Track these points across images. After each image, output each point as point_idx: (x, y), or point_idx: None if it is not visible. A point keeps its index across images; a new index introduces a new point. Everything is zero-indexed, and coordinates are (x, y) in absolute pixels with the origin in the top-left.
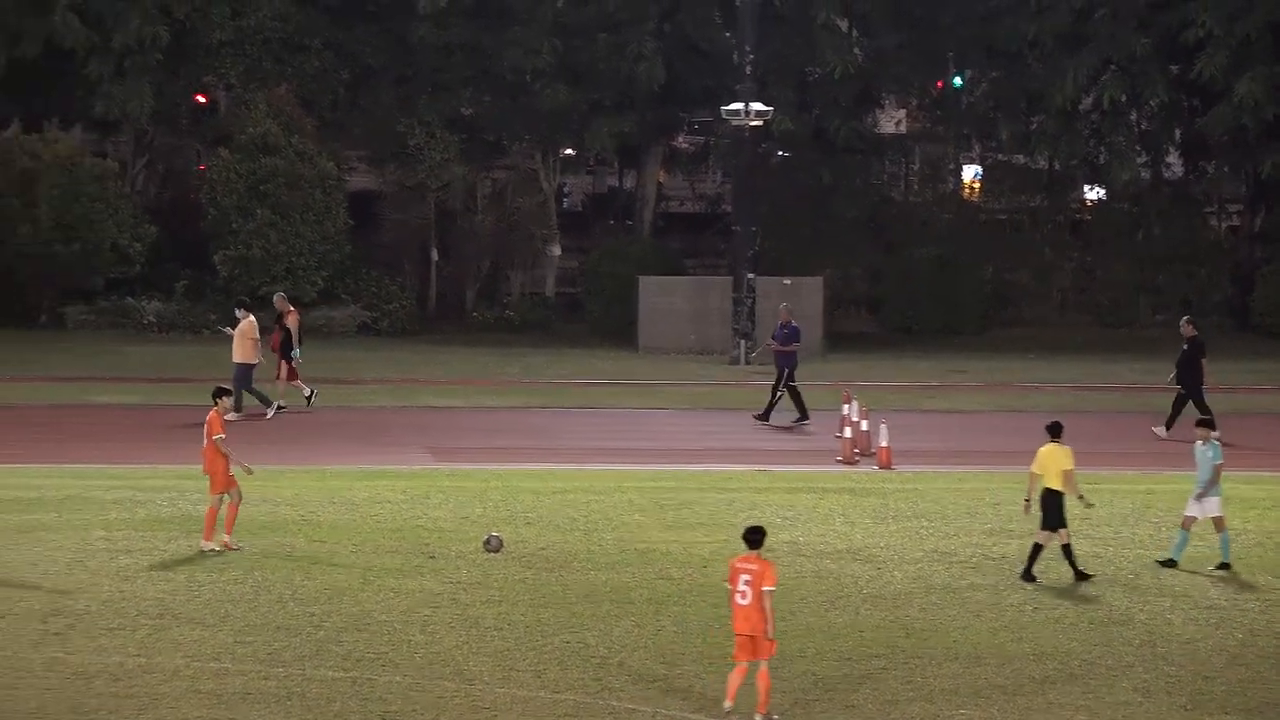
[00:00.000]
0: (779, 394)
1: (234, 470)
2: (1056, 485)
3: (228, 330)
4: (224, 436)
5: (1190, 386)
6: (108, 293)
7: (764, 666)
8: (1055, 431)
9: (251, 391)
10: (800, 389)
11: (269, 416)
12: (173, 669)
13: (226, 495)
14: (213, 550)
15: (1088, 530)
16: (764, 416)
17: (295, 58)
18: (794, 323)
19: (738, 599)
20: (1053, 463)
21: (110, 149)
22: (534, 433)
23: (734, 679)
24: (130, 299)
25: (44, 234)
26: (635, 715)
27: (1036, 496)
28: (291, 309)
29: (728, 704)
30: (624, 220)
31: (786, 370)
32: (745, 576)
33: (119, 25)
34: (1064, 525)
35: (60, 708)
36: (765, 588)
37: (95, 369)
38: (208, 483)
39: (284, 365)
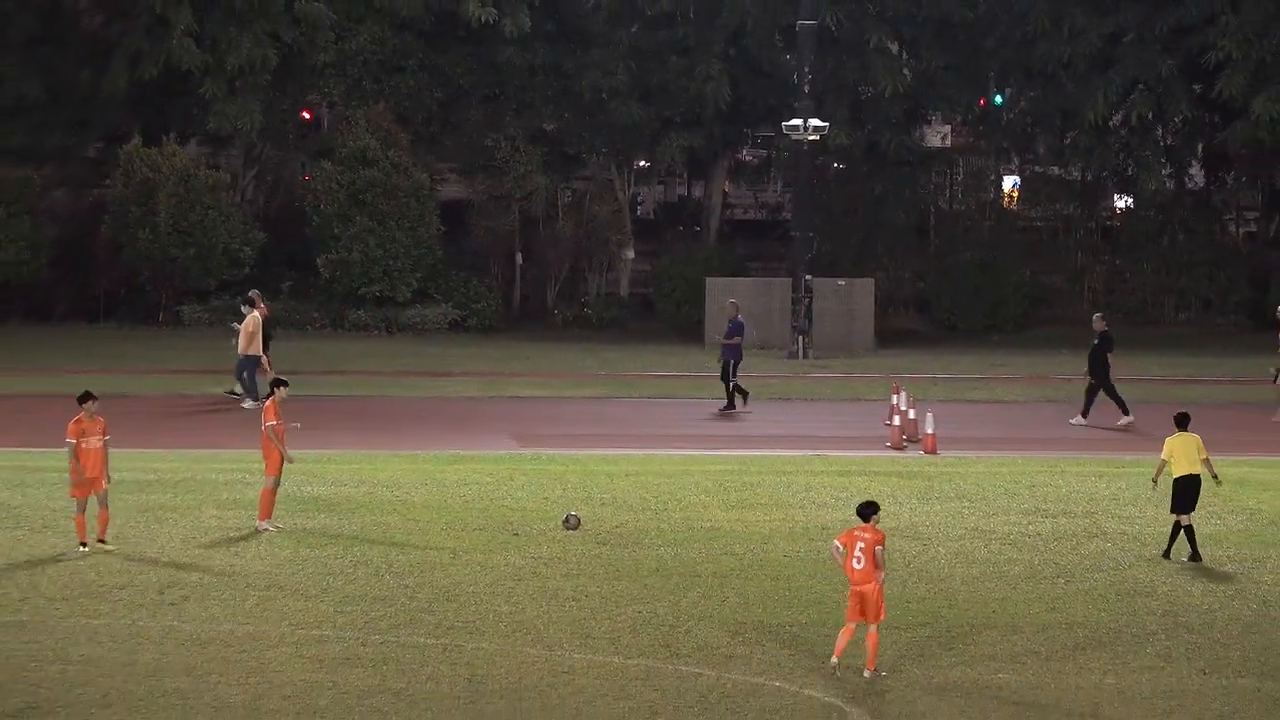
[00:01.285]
0: (732, 383)
1: (286, 454)
2: (1191, 470)
3: (235, 325)
4: (274, 424)
5: (1100, 377)
6: (220, 293)
7: (873, 629)
8: (1183, 422)
9: (242, 380)
10: (741, 383)
11: (246, 407)
12: (278, 636)
13: (277, 477)
14: (269, 529)
15: (1116, 510)
16: (729, 407)
17: (392, 78)
18: (740, 318)
19: (853, 564)
20: (1184, 451)
21: (223, 161)
22: (609, 421)
23: (842, 637)
24: (240, 299)
25: (162, 239)
26: (701, 679)
27: (1162, 479)
28: (261, 305)
29: (834, 660)
30: (692, 227)
31: (732, 362)
32: (860, 544)
33: (232, 49)
34: (1192, 509)
35: (175, 670)
36: (877, 547)
37: (209, 363)
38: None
39: (265, 359)
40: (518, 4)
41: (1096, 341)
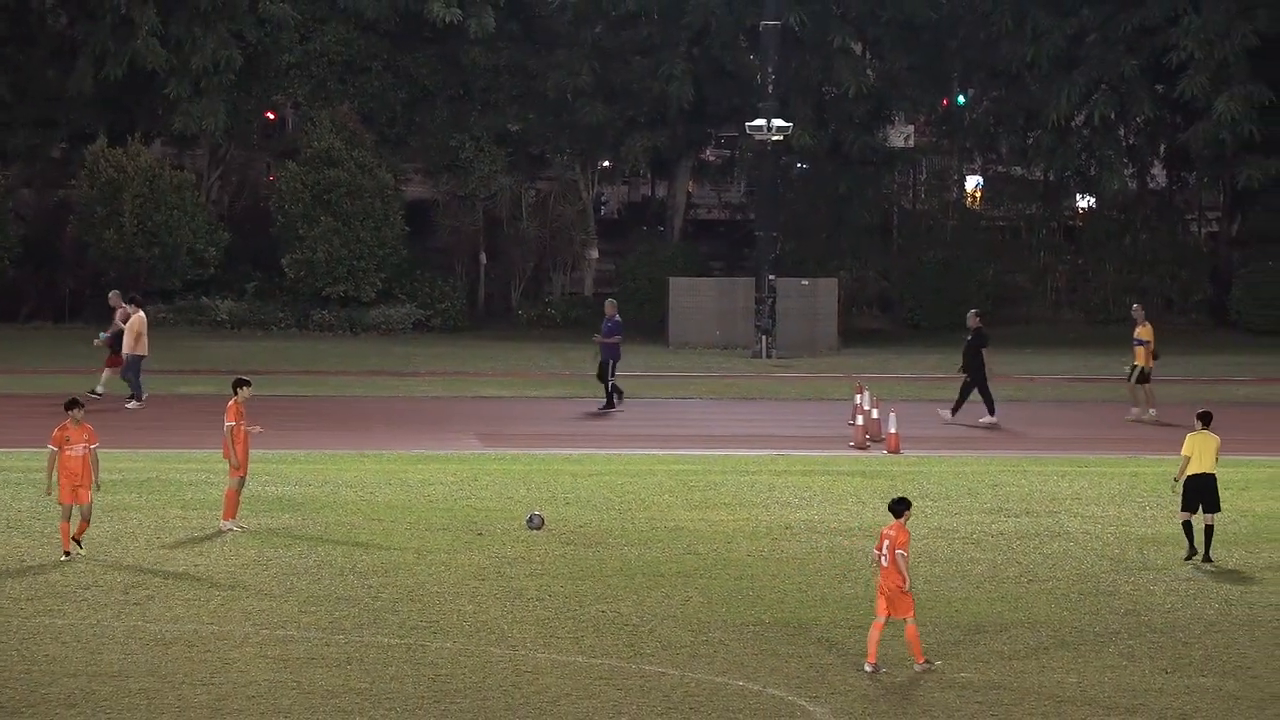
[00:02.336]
0: (610, 381)
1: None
2: (1203, 469)
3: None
4: (233, 425)
5: (974, 374)
6: (185, 293)
7: (910, 623)
8: (1206, 420)
9: (128, 380)
10: (619, 383)
11: (129, 407)
12: (242, 636)
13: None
14: (231, 529)
15: (1078, 509)
16: (608, 405)
17: (357, 78)
18: (617, 317)
19: (881, 561)
20: (1201, 450)
21: (188, 161)
22: (573, 420)
23: (873, 635)
24: (205, 299)
25: (128, 239)
26: (665, 678)
27: (1184, 478)
28: (123, 306)
29: (868, 665)
30: (656, 226)
31: (611, 361)
32: (886, 541)
33: (196, 49)
34: (1218, 509)
35: (140, 671)
36: (898, 551)
37: (173, 363)
38: (227, 466)
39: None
40: (482, 4)
41: (970, 338)
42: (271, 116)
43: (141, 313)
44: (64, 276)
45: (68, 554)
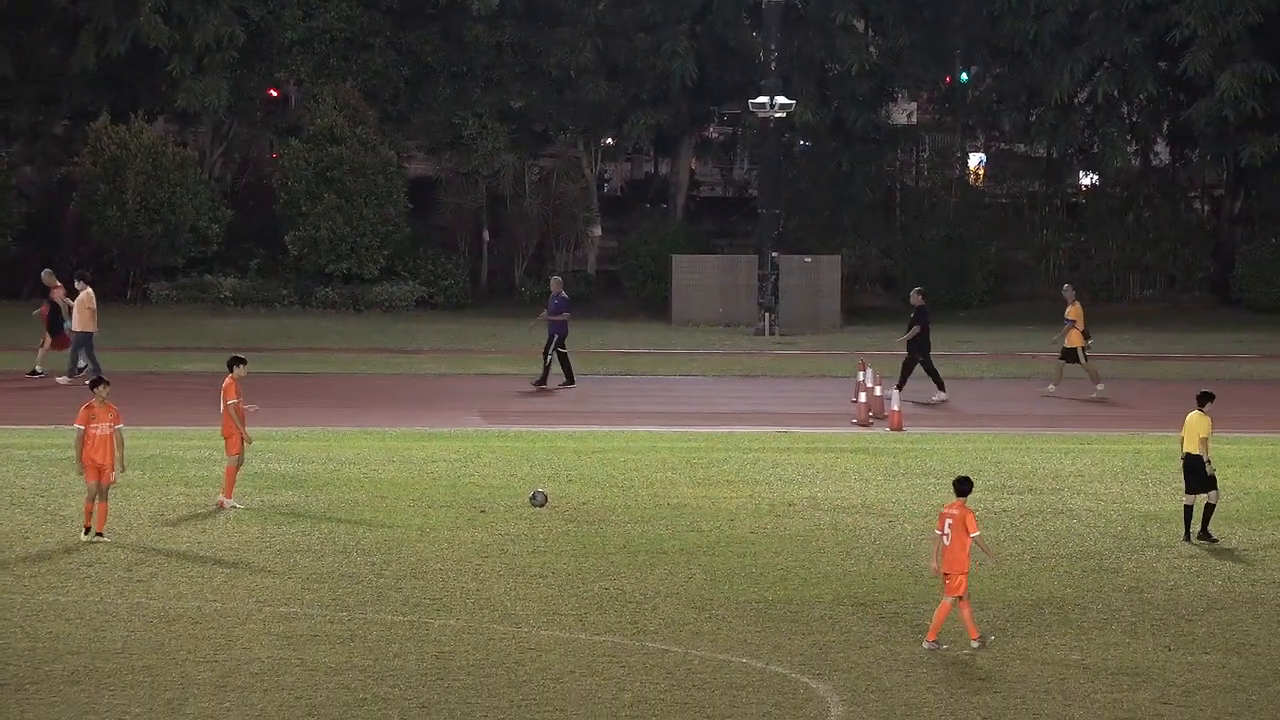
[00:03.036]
0: (549, 358)
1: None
2: (1195, 450)
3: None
4: (234, 402)
5: (919, 352)
6: (188, 270)
7: (963, 601)
8: (1203, 400)
9: (86, 356)
10: (569, 355)
11: (62, 381)
12: (246, 613)
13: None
14: (234, 507)
15: (1081, 486)
16: (541, 382)
17: (360, 55)
18: (564, 294)
19: (942, 540)
20: (1193, 429)
21: (191, 139)
22: (576, 397)
23: (939, 614)
24: (208, 276)
25: (130, 217)
26: (668, 655)
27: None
28: (58, 285)
29: (927, 643)
30: (659, 204)
31: (557, 337)
32: (949, 520)
33: (199, 26)
34: (1213, 487)
35: (144, 648)
36: (972, 533)
37: (177, 340)
38: (224, 444)
39: (48, 337)
40: None
41: (913, 315)
42: (274, 94)
43: (90, 289)
44: (66, 254)
45: (91, 531)
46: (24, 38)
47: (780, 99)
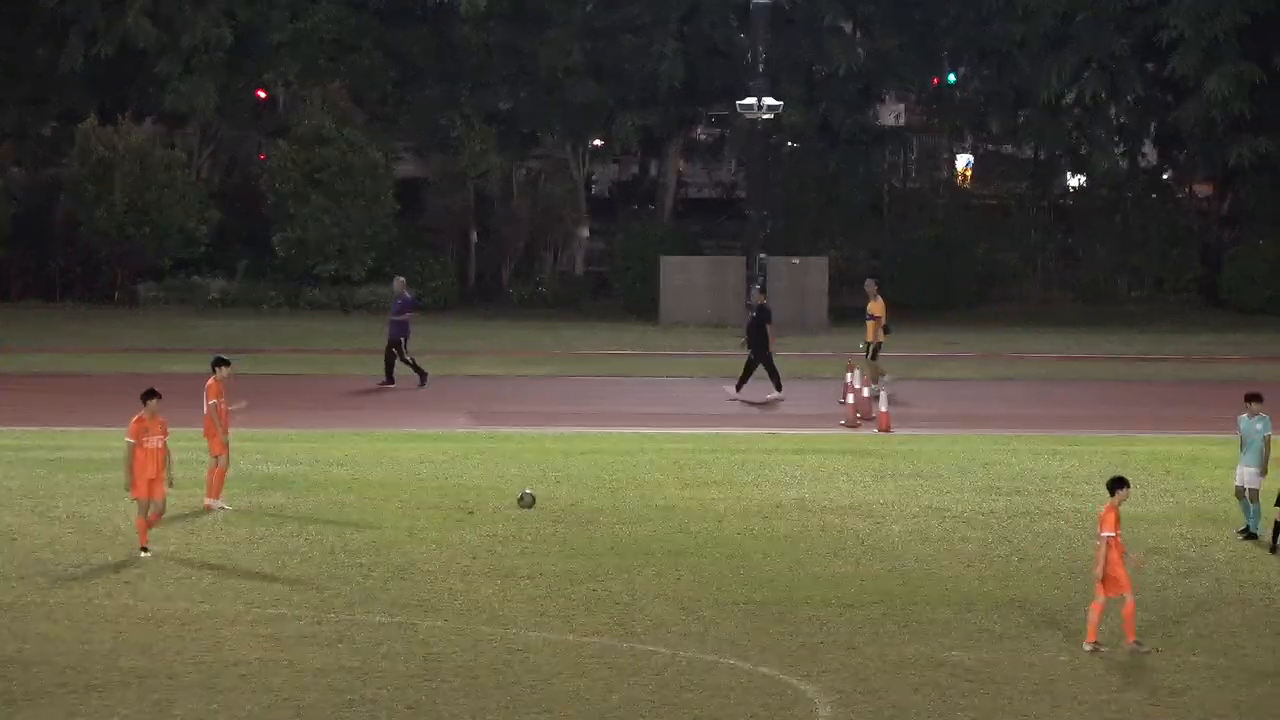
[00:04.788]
0: (408, 359)
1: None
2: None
3: None
4: (215, 403)
5: (758, 350)
6: (176, 271)
7: (1098, 601)
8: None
9: None
10: (417, 359)
11: None
12: (234, 614)
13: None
14: (221, 509)
15: (1069, 488)
16: (421, 384)
17: (348, 57)
18: (408, 294)
19: (1096, 542)
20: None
21: (179, 140)
22: (564, 399)
23: (1092, 615)
24: (196, 277)
25: (118, 218)
26: (655, 657)
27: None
28: None
29: (1087, 645)
30: (647, 205)
31: (402, 339)
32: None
33: (187, 27)
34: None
35: (132, 650)
36: (1103, 533)
37: (164, 341)
38: (207, 445)
39: None
40: None
41: (754, 314)
42: (262, 95)
43: None
44: (55, 255)
45: (146, 550)
46: (12, 39)
47: (768, 100)
